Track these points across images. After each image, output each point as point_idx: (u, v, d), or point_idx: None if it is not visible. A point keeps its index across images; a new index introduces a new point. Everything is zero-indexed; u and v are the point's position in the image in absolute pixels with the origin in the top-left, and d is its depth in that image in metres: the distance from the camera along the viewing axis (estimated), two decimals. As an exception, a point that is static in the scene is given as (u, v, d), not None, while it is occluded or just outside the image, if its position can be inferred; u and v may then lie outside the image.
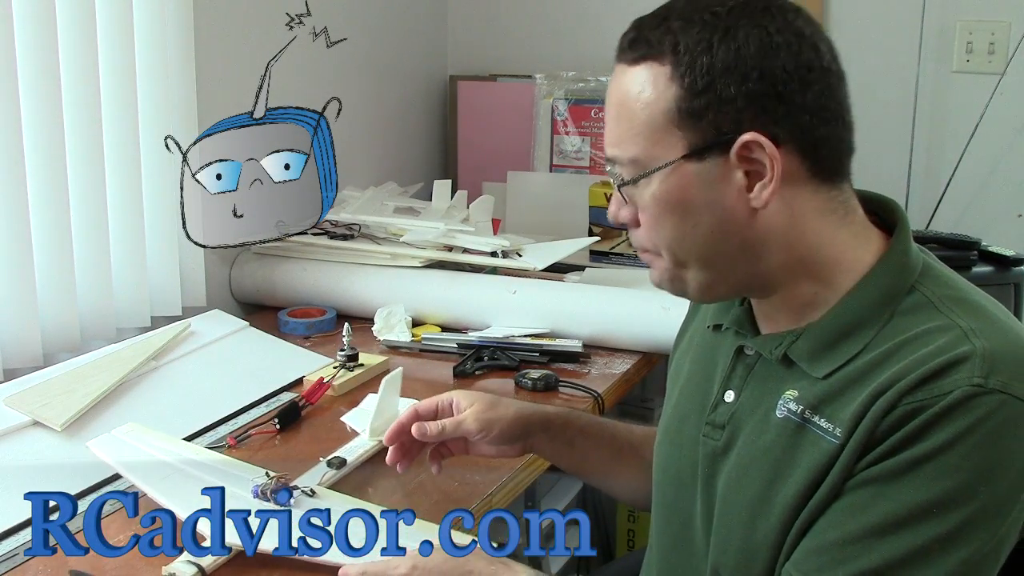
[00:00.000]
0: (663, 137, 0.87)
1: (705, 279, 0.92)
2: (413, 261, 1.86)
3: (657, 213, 0.90)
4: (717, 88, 0.85)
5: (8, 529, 1.13)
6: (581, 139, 2.37)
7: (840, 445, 0.85)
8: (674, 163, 0.87)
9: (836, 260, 0.90)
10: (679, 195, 0.88)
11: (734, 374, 0.97)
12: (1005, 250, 1.97)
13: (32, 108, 1.48)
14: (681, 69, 0.86)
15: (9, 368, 1.49)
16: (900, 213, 0.94)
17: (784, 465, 0.89)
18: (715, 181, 0.87)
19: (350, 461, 1.26)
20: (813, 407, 0.88)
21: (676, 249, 0.91)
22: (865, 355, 0.87)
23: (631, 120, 0.89)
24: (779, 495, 0.89)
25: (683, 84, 0.86)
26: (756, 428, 0.93)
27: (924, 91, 2.26)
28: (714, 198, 0.88)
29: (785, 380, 0.92)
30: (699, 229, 0.89)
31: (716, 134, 0.86)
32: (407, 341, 1.74)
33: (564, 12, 2.54)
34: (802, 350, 0.91)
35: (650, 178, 0.89)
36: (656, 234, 0.91)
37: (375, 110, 2.40)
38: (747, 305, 0.99)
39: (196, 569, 1.02)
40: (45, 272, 1.54)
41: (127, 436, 1.26)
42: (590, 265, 2.06)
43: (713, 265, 0.91)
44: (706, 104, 0.85)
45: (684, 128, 0.86)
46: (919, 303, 0.88)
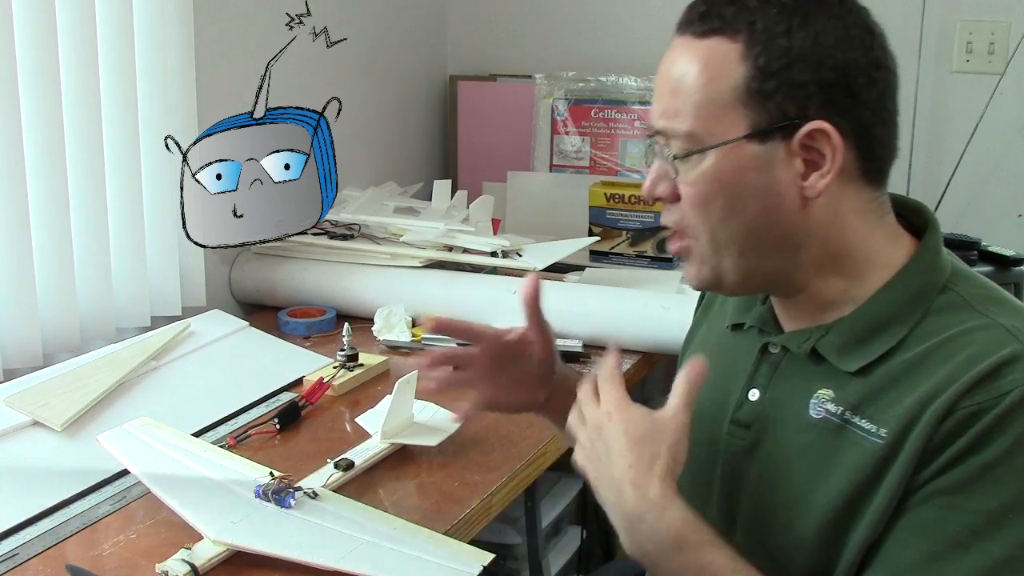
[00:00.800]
0: (726, 114, 0.86)
1: (742, 268, 0.90)
2: (413, 261, 1.86)
3: (706, 192, 0.87)
4: (791, 72, 0.84)
5: (8, 529, 1.13)
6: (581, 139, 2.37)
7: (887, 447, 0.84)
8: (735, 141, 0.86)
9: (868, 259, 0.91)
10: (733, 175, 0.86)
11: (759, 373, 0.96)
12: (1005, 250, 1.97)
13: (32, 108, 1.48)
14: (756, 49, 0.85)
15: (9, 368, 1.49)
16: (930, 215, 0.95)
17: (823, 466, 0.88)
18: (772, 165, 0.86)
19: (359, 463, 1.25)
20: (853, 407, 0.88)
21: (718, 232, 0.89)
22: (902, 353, 0.87)
23: (692, 93, 0.87)
24: (818, 496, 0.88)
25: (756, 63, 0.85)
26: (788, 428, 0.92)
27: (924, 91, 2.26)
28: (768, 183, 0.87)
29: (814, 378, 0.91)
30: (746, 213, 0.87)
31: (782, 118, 0.85)
32: (407, 341, 1.74)
33: (564, 12, 2.54)
34: (831, 344, 0.90)
35: (705, 154, 0.87)
36: (700, 214, 0.89)
37: (375, 110, 2.40)
38: (769, 303, 0.99)
39: (189, 568, 1.02)
40: (45, 272, 1.54)
41: (138, 431, 1.26)
42: (590, 265, 2.06)
43: (751, 253, 0.89)
44: (776, 87, 0.84)
45: (750, 107, 0.85)
46: (953, 302, 0.88)
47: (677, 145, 0.88)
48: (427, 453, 1.32)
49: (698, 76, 0.86)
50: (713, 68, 0.86)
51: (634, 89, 2.30)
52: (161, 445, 1.23)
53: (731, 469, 0.96)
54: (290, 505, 1.11)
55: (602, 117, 2.34)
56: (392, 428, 1.31)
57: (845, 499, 0.86)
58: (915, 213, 0.96)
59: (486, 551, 1.06)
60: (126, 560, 1.08)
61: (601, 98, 2.34)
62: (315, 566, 1.03)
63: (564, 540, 2.00)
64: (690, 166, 0.88)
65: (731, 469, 0.96)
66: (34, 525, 1.15)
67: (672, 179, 0.90)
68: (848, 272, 0.91)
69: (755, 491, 0.94)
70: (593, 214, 2.11)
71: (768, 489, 0.93)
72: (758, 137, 0.85)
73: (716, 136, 0.86)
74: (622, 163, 2.33)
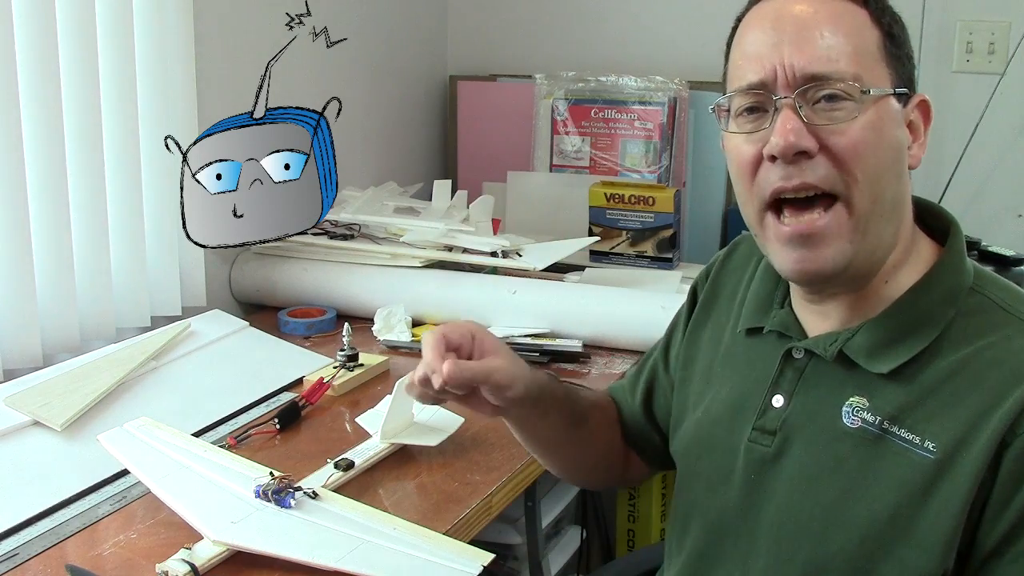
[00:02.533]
0: (877, 66, 0.88)
1: (877, 237, 0.87)
2: (413, 261, 1.86)
3: (869, 139, 0.85)
4: (906, 46, 0.90)
5: (8, 529, 1.13)
6: (581, 139, 2.37)
7: (938, 463, 0.83)
8: (891, 94, 0.88)
9: (904, 251, 0.91)
10: (888, 125, 0.87)
11: (783, 378, 0.95)
12: (1005, 250, 1.97)
13: (32, 108, 1.48)
14: (885, 18, 0.89)
15: (9, 368, 1.49)
16: (952, 218, 0.95)
17: (862, 477, 0.87)
18: (901, 125, 0.89)
19: (359, 463, 1.25)
20: (892, 417, 0.87)
21: (875, 185, 0.86)
22: (938, 359, 0.86)
23: (851, 40, 0.87)
24: (860, 508, 0.86)
25: (886, 30, 0.88)
26: (821, 436, 0.90)
27: (924, 91, 2.24)
28: (903, 142, 0.89)
29: (844, 385, 0.90)
30: (893, 169, 0.88)
31: (904, 84, 0.89)
32: (407, 341, 1.74)
33: (564, 12, 2.54)
34: (860, 346, 0.89)
35: (868, 102, 0.86)
36: (860, 163, 0.85)
37: (375, 110, 2.40)
38: (789, 307, 0.98)
39: (189, 568, 1.02)
40: (45, 272, 1.54)
41: (138, 431, 1.26)
42: (590, 265, 2.06)
43: (891, 220, 0.88)
44: (899, 55, 0.89)
45: (889, 66, 0.88)
46: (983, 305, 0.88)
47: (844, 87, 0.85)
48: (427, 453, 1.32)
49: (848, 26, 0.87)
50: (857, 23, 0.88)
51: (634, 89, 2.30)
52: (161, 445, 1.23)
53: (755, 476, 0.94)
54: (290, 505, 1.11)
55: (602, 117, 2.34)
56: (392, 428, 1.31)
57: (891, 513, 0.85)
58: (936, 216, 0.95)
59: (486, 551, 1.05)
60: (126, 560, 1.08)
61: (601, 98, 2.34)
62: (315, 566, 1.03)
63: (564, 540, 2.00)
64: (848, 111, 0.85)
65: (755, 476, 0.94)
66: (34, 525, 1.15)
67: (816, 130, 0.85)
68: (895, 262, 0.91)
69: (783, 500, 0.92)
70: (593, 214, 2.11)
71: (799, 499, 0.91)
72: (896, 95, 0.88)
73: (876, 85, 0.87)
74: (622, 163, 2.33)
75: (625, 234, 2.09)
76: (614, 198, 2.08)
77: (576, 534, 2.04)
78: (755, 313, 1.01)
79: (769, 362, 0.96)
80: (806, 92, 0.85)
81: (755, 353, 0.99)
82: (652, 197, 2.05)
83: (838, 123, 0.85)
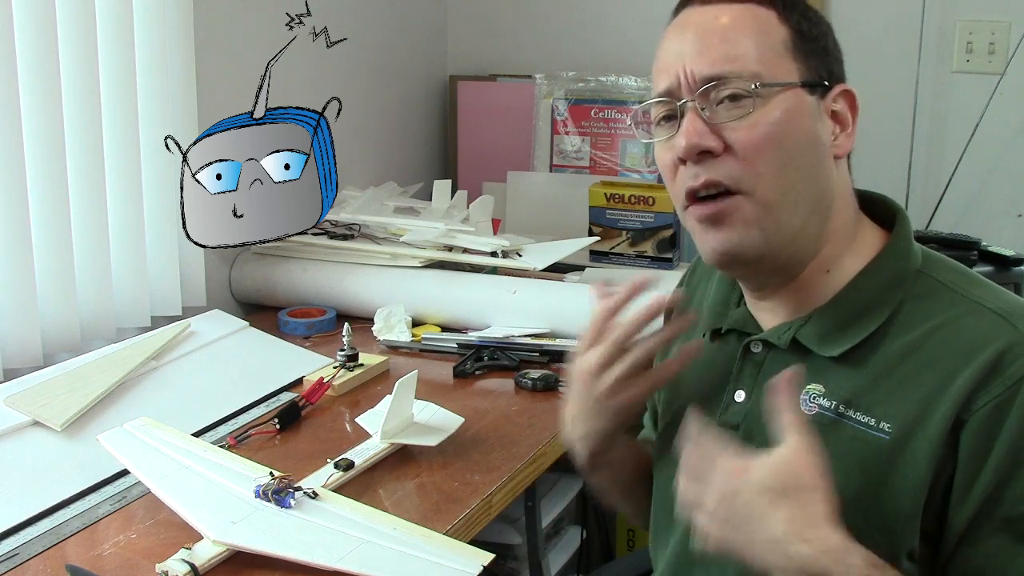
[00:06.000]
0: (782, 62, 0.89)
1: (788, 228, 0.89)
2: (413, 261, 1.86)
3: (770, 134, 0.87)
4: (821, 40, 0.92)
5: (8, 529, 1.13)
6: (581, 139, 2.37)
7: (894, 443, 0.85)
8: (796, 86, 0.89)
9: (848, 240, 0.93)
10: (794, 119, 0.88)
11: (743, 373, 0.97)
12: (1005, 250, 1.97)
13: (32, 108, 1.48)
14: (793, 16, 0.91)
15: (9, 368, 1.49)
16: (897, 206, 0.97)
17: (824, 463, 0.86)
18: (819, 117, 0.90)
19: (359, 463, 1.26)
20: (847, 401, 0.88)
21: (778, 180, 0.88)
22: (889, 342, 0.88)
23: (751, 40, 0.89)
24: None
25: (795, 27, 0.90)
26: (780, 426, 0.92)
27: (924, 91, 2.26)
28: (817, 134, 0.90)
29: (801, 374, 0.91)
30: (802, 162, 0.89)
31: (819, 77, 0.90)
32: (407, 341, 1.74)
33: (564, 12, 2.54)
34: (812, 332, 0.92)
35: (770, 97, 0.88)
36: (761, 159, 0.87)
37: (375, 110, 2.39)
38: (745, 306, 1.00)
39: (189, 568, 1.02)
40: (45, 272, 1.54)
41: (138, 431, 1.26)
42: (590, 265, 2.06)
43: (800, 210, 0.89)
44: (812, 49, 0.91)
45: (797, 61, 0.90)
46: (932, 288, 0.90)
47: (741, 85, 0.88)
48: (427, 453, 1.32)
49: (749, 27, 0.90)
50: (761, 22, 0.90)
51: (634, 89, 2.29)
52: (161, 445, 1.23)
53: None
54: (290, 505, 1.11)
55: (602, 117, 2.34)
56: (392, 428, 1.31)
57: (854, 496, 0.85)
58: (880, 205, 0.97)
59: (486, 551, 1.06)
60: (126, 560, 1.08)
61: (601, 98, 2.34)
62: (315, 566, 1.03)
63: (564, 540, 2.00)
64: (749, 108, 0.88)
65: None
66: (34, 525, 1.15)
67: (718, 129, 0.88)
68: (835, 251, 0.93)
69: None
70: (593, 214, 2.11)
71: None
72: (807, 88, 0.89)
73: (778, 80, 0.89)
74: (622, 163, 2.33)
75: (625, 234, 2.09)
76: (614, 198, 2.08)
77: (576, 534, 2.04)
78: (715, 316, 1.02)
79: (730, 359, 0.98)
80: (707, 94, 0.89)
81: (717, 353, 1.01)
82: (652, 197, 2.06)
83: (739, 120, 0.88)
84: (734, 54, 0.88)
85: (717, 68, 0.88)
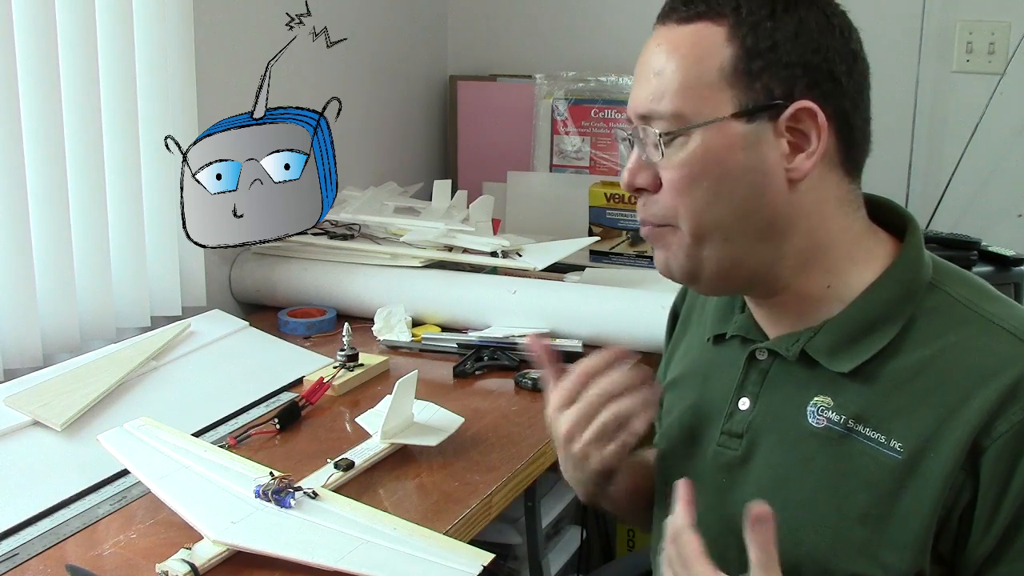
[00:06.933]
0: (712, 94, 0.86)
1: (725, 257, 0.88)
2: (413, 261, 1.86)
3: (692, 173, 0.86)
4: (778, 52, 0.85)
5: (8, 529, 1.13)
6: (581, 139, 2.37)
7: (905, 464, 0.84)
8: (722, 120, 0.85)
9: (850, 254, 0.90)
10: (720, 155, 0.86)
11: (748, 381, 0.95)
12: (1005, 250, 1.97)
13: (32, 108, 1.48)
14: (742, 30, 0.85)
15: (9, 368, 1.49)
16: (907, 214, 0.94)
17: (830, 477, 0.87)
18: (759, 145, 0.86)
19: (359, 463, 1.25)
20: (857, 416, 0.87)
21: (703, 216, 0.87)
22: (900, 357, 0.86)
23: (679, 75, 0.86)
24: (829, 509, 0.86)
25: (743, 44, 0.85)
26: (787, 437, 0.90)
27: (924, 91, 2.26)
28: (755, 163, 0.86)
29: (808, 385, 0.90)
30: (733, 196, 0.86)
31: (768, 97, 0.85)
32: (407, 341, 1.74)
33: (564, 12, 2.54)
34: (821, 345, 0.90)
35: (690, 135, 0.86)
36: (684, 198, 0.87)
37: (375, 110, 2.40)
38: (749, 311, 0.98)
39: (189, 568, 1.02)
40: (45, 272, 1.53)
41: (138, 431, 1.26)
42: (590, 265, 2.06)
43: (737, 241, 0.88)
44: (764, 66, 0.85)
45: (736, 87, 0.85)
46: (945, 303, 0.88)
47: (663, 126, 0.87)
48: (427, 453, 1.32)
49: (683, 58, 0.86)
50: (699, 50, 0.86)
51: (634, 89, 2.30)
52: (161, 445, 1.23)
53: (726, 480, 0.95)
54: (290, 505, 1.11)
55: (602, 117, 2.34)
56: (392, 428, 1.31)
57: (861, 513, 0.85)
58: (891, 212, 0.95)
59: (486, 551, 1.05)
60: (126, 560, 1.08)
61: (601, 98, 2.34)
62: (315, 566, 1.03)
63: (564, 540, 2.00)
64: (675, 148, 0.87)
65: (726, 480, 0.95)
66: (34, 525, 1.15)
67: (654, 167, 0.88)
68: (831, 267, 0.90)
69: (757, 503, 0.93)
70: (593, 214, 2.11)
71: (768, 501, 0.91)
72: (745, 116, 0.85)
73: (703, 116, 0.86)
74: (622, 163, 2.33)
75: (625, 234, 2.09)
76: (614, 198, 2.08)
77: (576, 534, 2.04)
78: (718, 321, 1.01)
79: (734, 366, 0.97)
80: (644, 131, 0.89)
81: (721, 359, 0.99)
82: (652, 197, 2.05)
83: (666, 158, 0.87)
84: (660, 91, 0.87)
85: (644, 107, 0.88)
